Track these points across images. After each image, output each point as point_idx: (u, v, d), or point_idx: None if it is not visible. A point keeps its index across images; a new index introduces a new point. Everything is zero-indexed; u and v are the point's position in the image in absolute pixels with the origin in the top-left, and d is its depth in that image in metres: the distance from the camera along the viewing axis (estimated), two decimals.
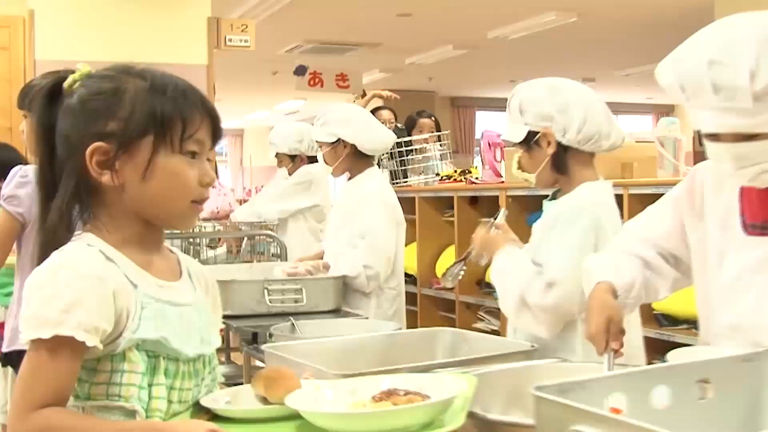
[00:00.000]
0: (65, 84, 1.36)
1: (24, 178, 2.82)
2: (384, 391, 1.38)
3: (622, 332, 1.77)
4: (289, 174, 4.86)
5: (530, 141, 2.29)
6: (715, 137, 1.65)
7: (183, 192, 1.35)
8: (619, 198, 3.52)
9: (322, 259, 3.53)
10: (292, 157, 4.83)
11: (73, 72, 1.38)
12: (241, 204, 5.88)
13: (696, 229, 1.87)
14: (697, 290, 1.90)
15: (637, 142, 4.38)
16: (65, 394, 1.26)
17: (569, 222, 2.22)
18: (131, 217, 1.36)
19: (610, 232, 2.22)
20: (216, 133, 1.39)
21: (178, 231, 4.07)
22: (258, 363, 3.19)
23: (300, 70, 9.81)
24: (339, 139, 3.45)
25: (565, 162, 2.28)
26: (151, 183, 1.33)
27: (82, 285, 1.25)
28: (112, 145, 1.31)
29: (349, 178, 3.56)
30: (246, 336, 2.99)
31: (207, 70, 5.54)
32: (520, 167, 2.38)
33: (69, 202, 1.33)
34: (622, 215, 3.46)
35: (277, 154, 4.86)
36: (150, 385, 1.32)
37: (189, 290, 1.43)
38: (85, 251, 1.31)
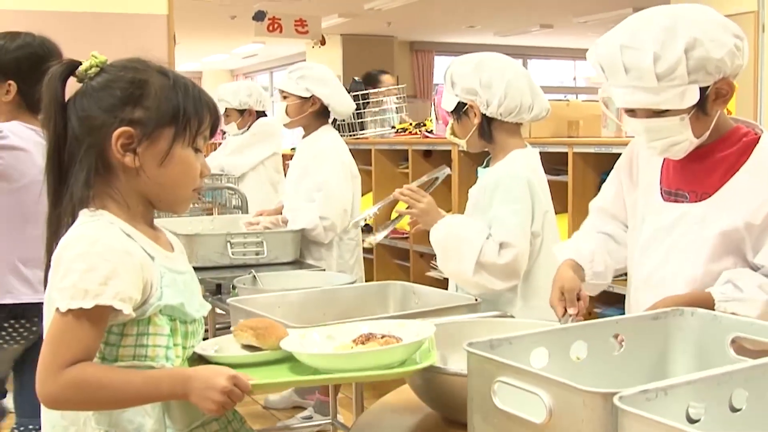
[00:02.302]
0: (80, 68, 1.48)
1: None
2: (363, 334, 1.59)
3: (580, 298, 1.98)
4: (239, 128, 4.98)
5: (460, 111, 2.51)
6: (632, 112, 1.86)
7: (190, 180, 1.52)
8: (564, 156, 3.71)
9: (281, 212, 3.68)
10: (241, 112, 4.96)
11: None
12: None
13: (630, 194, 2.08)
14: (628, 249, 2.11)
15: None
16: (93, 353, 1.39)
17: (509, 188, 2.42)
18: (138, 197, 1.50)
19: (541, 195, 2.46)
20: (213, 131, 1.56)
21: None
22: (219, 311, 3.36)
23: (259, 16, 9.80)
24: (312, 96, 3.58)
25: (490, 131, 2.50)
26: (167, 170, 1.48)
27: (115, 258, 1.39)
28: (137, 130, 1.45)
29: (304, 135, 3.70)
30: (210, 287, 3.15)
31: (167, 19, 5.55)
32: (452, 133, 2.60)
33: (92, 175, 1.45)
34: (566, 173, 3.68)
35: (225, 110, 4.96)
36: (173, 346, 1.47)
37: (182, 260, 1.59)
38: (110, 228, 1.44)
